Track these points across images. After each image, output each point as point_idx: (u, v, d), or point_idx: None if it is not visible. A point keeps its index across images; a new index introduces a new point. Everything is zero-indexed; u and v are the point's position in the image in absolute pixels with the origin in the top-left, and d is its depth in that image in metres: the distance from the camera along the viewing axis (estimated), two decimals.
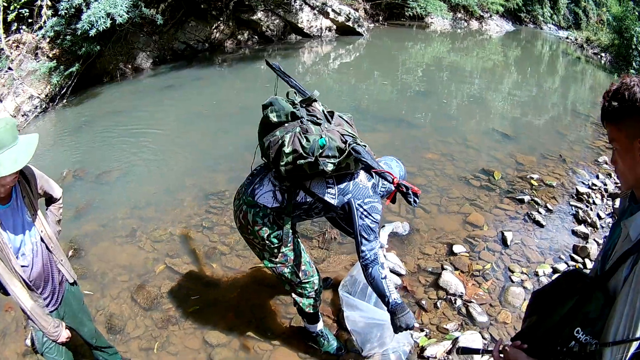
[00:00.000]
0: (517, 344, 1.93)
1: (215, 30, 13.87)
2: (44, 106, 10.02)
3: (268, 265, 3.36)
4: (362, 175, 3.32)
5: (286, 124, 3.06)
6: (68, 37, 10.26)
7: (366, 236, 3.20)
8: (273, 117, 3.06)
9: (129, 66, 11.88)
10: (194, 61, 12.90)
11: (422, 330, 4.15)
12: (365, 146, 3.09)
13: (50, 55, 10.48)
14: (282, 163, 2.96)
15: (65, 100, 10.49)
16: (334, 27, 16.80)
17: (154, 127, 8.48)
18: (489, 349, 2.44)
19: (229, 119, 8.69)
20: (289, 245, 3.29)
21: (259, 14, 14.66)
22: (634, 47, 20.07)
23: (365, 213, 3.20)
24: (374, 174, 3.31)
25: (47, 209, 3.19)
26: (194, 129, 8.30)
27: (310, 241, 5.25)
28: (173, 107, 9.53)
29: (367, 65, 14.68)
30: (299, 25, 15.63)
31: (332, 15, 16.35)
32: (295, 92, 3.37)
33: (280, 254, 3.29)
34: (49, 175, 3.02)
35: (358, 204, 3.19)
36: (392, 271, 4.71)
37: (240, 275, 4.76)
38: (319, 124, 3.06)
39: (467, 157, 7.63)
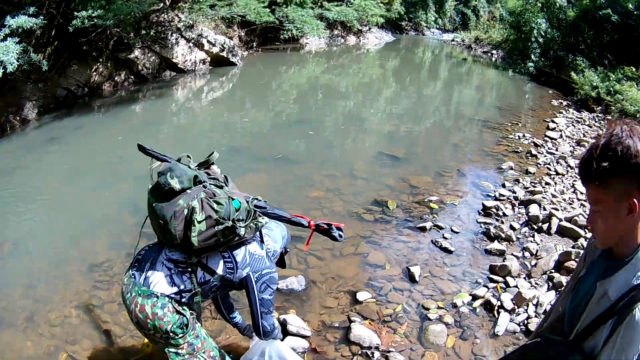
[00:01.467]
0: None
1: (94, 73, 13.81)
2: None
3: (175, 359, 3.28)
4: (254, 245, 3.42)
5: (188, 191, 3.08)
6: None
7: (265, 310, 3.37)
8: (175, 184, 3.04)
9: (17, 118, 11.53)
10: (75, 108, 12.62)
11: None
12: (266, 201, 3.25)
13: None
14: (193, 234, 2.97)
15: None
16: (209, 58, 17.23)
17: (39, 188, 8.12)
18: None
19: (107, 173, 8.49)
20: (192, 332, 3.28)
21: (136, 52, 14.77)
22: (533, 39, 21.57)
23: (264, 285, 3.33)
24: (264, 242, 3.52)
25: None
26: (74, 186, 8.05)
27: (206, 299, 5.21)
28: (56, 163, 9.21)
29: (240, 96, 15.00)
30: (174, 60, 15.91)
31: (207, 46, 16.81)
32: (188, 156, 3.42)
33: (185, 344, 3.25)
34: None
35: (257, 277, 3.31)
36: (297, 334, 4.74)
37: None
38: (222, 187, 3.17)
39: (356, 190, 7.88)
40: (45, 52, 12.59)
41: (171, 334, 3.14)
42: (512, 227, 6.90)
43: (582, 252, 5.97)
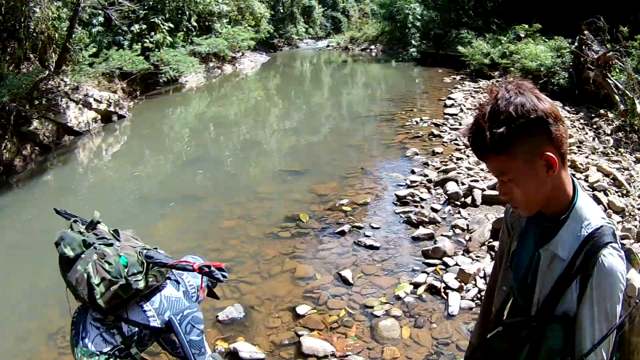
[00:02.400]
0: None
1: (4, 150, 13.45)
2: None
3: None
4: (169, 287, 3.46)
5: (82, 255, 3.13)
6: None
7: (196, 350, 3.36)
8: (69, 252, 3.12)
9: None
10: None
11: None
12: (156, 249, 3.30)
13: None
14: (97, 297, 3.02)
15: None
16: (99, 116, 17.17)
17: None
18: None
19: (42, 244, 8.24)
20: None
21: (35, 123, 14.52)
22: (410, 25, 22.15)
23: (189, 326, 3.34)
24: (179, 281, 3.54)
25: None
26: (13, 264, 7.83)
27: (159, 356, 5.13)
28: None
29: (137, 146, 14.92)
30: (69, 124, 15.79)
31: (94, 105, 16.77)
32: (76, 221, 3.45)
33: None
34: None
35: (179, 319, 3.33)
36: (251, 359, 4.74)
37: None
38: (111, 244, 3.20)
39: (266, 211, 7.97)
40: None
41: None
42: (433, 209, 7.07)
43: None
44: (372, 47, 27.01)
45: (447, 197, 7.32)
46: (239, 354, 4.75)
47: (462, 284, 5.33)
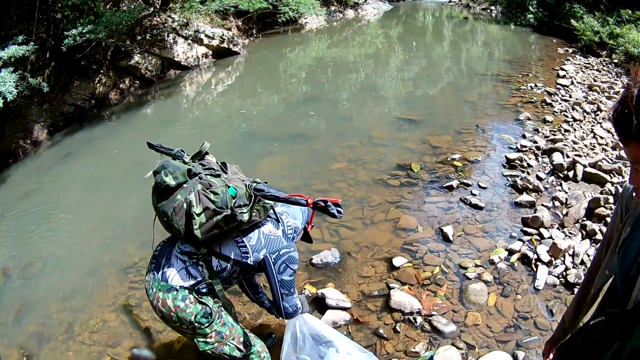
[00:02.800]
0: None
1: (98, 85, 13.81)
2: None
3: (205, 348, 3.23)
4: (269, 225, 3.32)
5: (184, 185, 3.00)
6: None
7: (286, 291, 3.29)
8: (170, 181, 2.98)
9: (28, 141, 11.66)
10: (85, 122, 12.64)
11: None
12: (266, 183, 3.11)
13: None
14: (195, 227, 2.90)
15: None
16: (210, 52, 17.00)
17: (61, 203, 8.24)
18: None
19: (127, 178, 8.48)
20: (218, 321, 3.22)
21: (136, 58, 14.67)
22: None
23: (283, 266, 3.23)
24: (280, 220, 3.38)
25: None
26: (98, 196, 8.07)
27: (240, 296, 5.07)
28: (74, 177, 9.30)
29: (250, 82, 14.81)
30: (176, 59, 15.76)
31: (206, 40, 16.58)
32: (181, 151, 3.31)
33: (213, 333, 3.20)
34: None
35: (274, 258, 3.21)
36: (337, 307, 4.60)
37: (183, 353, 4.56)
38: (219, 176, 3.07)
39: (378, 157, 7.72)
40: (44, 75, 12.75)
41: (196, 324, 3.10)
42: (538, 178, 6.68)
43: (612, 202, 5.81)
44: (492, 7, 25.95)
45: (552, 167, 6.88)
46: (326, 300, 4.65)
47: (553, 258, 5.01)
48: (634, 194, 1.84)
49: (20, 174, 10.22)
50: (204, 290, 3.12)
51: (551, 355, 2.42)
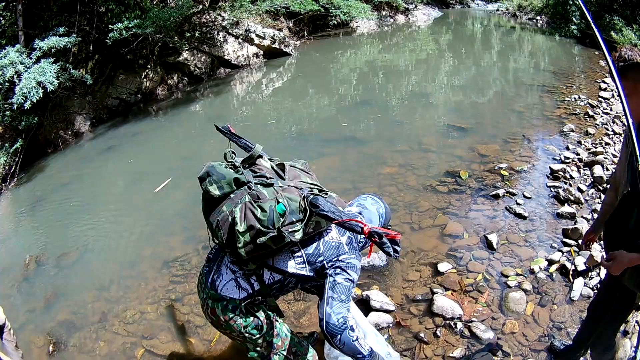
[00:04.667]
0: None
1: (144, 79, 13.88)
2: None
3: (254, 356, 3.09)
4: (333, 231, 3.03)
5: (232, 195, 2.75)
6: (7, 113, 10.41)
7: (335, 295, 2.87)
8: (214, 191, 2.75)
9: (69, 132, 11.79)
10: (130, 115, 12.75)
11: None
12: (327, 193, 2.90)
13: None
14: (239, 245, 2.63)
15: (16, 179, 10.39)
16: (261, 52, 16.99)
17: (101, 195, 8.32)
18: None
19: (173, 173, 8.48)
20: (271, 332, 3.05)
21: (185, 54, 14.73)
22: (570, 2, 20.75)
23: (337, 269, 2.93)
24: None
25: (1, 340, 3.07)
26: (140, 189, 8.12)
27: (285, 295, 5.09)
28: (116, 170, 9.40)
29: (301, 84, 14.79)
30: (226, 57, 15.77)
31: (257, 40, 16.56)
32: (233, 152, 3.00)
33: (265, 343, 3.04)
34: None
35: (331, 264, 2.93)
36: (381, 309, 4.59)
37: (222, 348, 4.54)
38: (271, 185, 2.78)
39: (428, 163, 7.65)
40: (87, 67, 12.80)
41: (247, 334, 2.93)
42: (579, 190, 6.54)
43: None
44: (538, 17, 25.49)
45: (592, 179, 6.73)
46: (371, 302, 4.62)
47: (589, 270, 4.91)
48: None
49: (59, 164, 10.32)
50: (257, 302, 2.94)
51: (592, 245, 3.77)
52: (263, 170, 2.89)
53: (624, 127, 7.64)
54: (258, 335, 2.96)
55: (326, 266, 2.93)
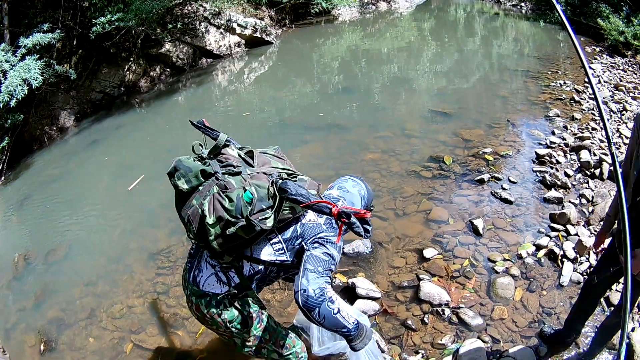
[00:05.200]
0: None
1: (127, 72, 13.83)
2: None
3: (242, 351, 3.03)
4: (310, 213, 2.91)
5: (200, 187, 2.68)
6: None
7: (311, 266, 2.71)
8: (182, 185, 2.69)
9: (54, 128, 11.78)
10: (113, 108, 12.69)
11: (417, 353, 3.97)
12: (296, 177, 2.78)
13: None
14: (211, 238, 2.55)
15: (3, 178, 10.38)
16: (243, 41, 16.88)
17: (87, 190, 8.28)
18: None
19: (157, 165, 8.37)
20: (257, 325, 2.98)
21: (167, 46, 14.63)
22: None
23: (316, 244, 2.80)
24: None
25: None
26: (124, 183, 8.01)
27: (268, 285, 4.99)
28: (101, 164, 9.33)
29: (283, 72, 14.71)
30: (208, 47, 15.70)
31: (238, 30, 16.45)
32: (200, 145, 2.92)
33: (252, 337, 2.97)
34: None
35: (309, 242, 2.82)
36: (367, 297, 4.50)
37: (209, 339, 4.48)
38: (239, 173, 2.69)
39: (411, 148, 7.57)
40: (71, 62, 12.76)
41: (233, 329, 2.86)
42: (566, 174, 6.49)
43: None
44: (522, 4, 25.47)
45: (579, 164, 6.69)
46: (356, 289, 4.55)
47: (578, 255, 4.86)
48: None
49: (45, 160, 10.31)
50: (240, 295, 2.84)
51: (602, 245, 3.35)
52: (230, 159, 2.79)
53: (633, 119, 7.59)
54: (244, 330, 2.89)
55: (305, 245, 2.81)
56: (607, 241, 3.30)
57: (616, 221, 3.11)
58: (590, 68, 11.85)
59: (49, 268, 6.20)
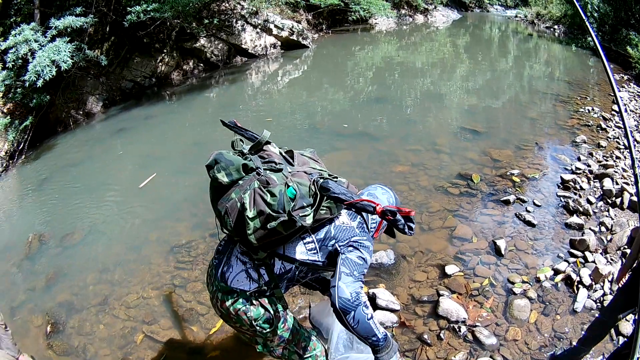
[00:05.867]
0: None
1: (160, 64, 13.90)
2: (4, 164, 10.01)
3: (263, 350, 2.99)
4: (343, 216, 2.92)
5: (240, 182, 2.64)
6: (19, 90, 10.45)
7: (347, 270, 2.70)
8: (222, 178, 2.62)
9: (81, 112, 11.84)
10: (143, 98, 12.77)
11: None
12: (337, 178, 2.77)
13: (5, 110, 10.56)
14: (249, 232, 2.53)
15: (24, 156, 10.47)
16: (279, 43, 16.96)
17: (110, 177, 8.28)
18: None
19: (184, 158, 8.48)
20: (282, 325, 2.94)
21: (202, 41, 14.72)
22: (589, 14, 20.56)
23: (350, 248, 2.79)
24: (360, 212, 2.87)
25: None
26: (149, 173, 8.03)
27: (294, 286, 5.02)
28: (127, 153, 9.36)
29: (317, 77, 14.73)
30: (243, 46, 15.76)
31: (275, 31, 16.51)
32: (241, 140, 2.91)
33: (275, 337, 2.94)
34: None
35: (342, 245, 2.80)
36: (387, 308, 4.53)
37: (223, 337, 4.49)
38: (280, 170, 2.67)
39: (440, 164, 7.57)
40: (102, 48, 12.82)
41: (257, 327, 2.82)
42: (589, 201, 6.44)
43: None
44: (555, 26, 25.30)
45: (602, 192, 6.64)
46: (376, 300, 4.56)
47: (593, 282, 4.84)
48: None
49: (69, 143, 10.33)
50: (268, 293, 2.82)
51: (623, 280, 3.35)
52: (272, 155, 2.80)
53: None
54: (269, 329, 2.85)
55: (339, 248, 2.80)
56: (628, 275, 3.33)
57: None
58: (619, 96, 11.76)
59: (64, 251, 6.20)
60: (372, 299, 4.58)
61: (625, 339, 4.01)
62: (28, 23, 10.68)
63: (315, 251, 2.83)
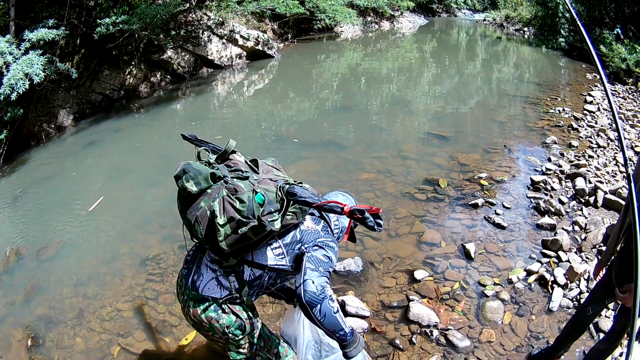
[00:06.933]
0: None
1: (128, 76, 13.94)
2: None
3: (237, 358, 3.05)
4: (308, 221, 3.07)
5: (209, 190, 2.74)
6: None
7: (312, 266, 2.84)
8: (191, 187, 2.71)
9: (52, 126, 11.78)
10: (112, 111, 12.75)
11: None
12: (301, 183, 2.89)
13: None
14: (220, 239, 2.62)
15: None
16: (244, 53, 17.09)
17: (82, 190, 8.26)
18: None
19: (153, 170, 8.49)
20: (254, 332, 3.05)
21: (169, 52, 14.79)
22: (560, 14, 21.02)
23: (315, 247, 2.94)
24: (325, 218, 3.15)
25: None
26: (119, 186, 8.10)
27: (261, 297, 5.09)
28: (97, 165, 9.38)
29: (282, 87, 14.84)
30: (209, 57, 15.87)
31: (240, 41, 16.65)
32: (207, 150, 3.04)
33: (247, 344, 3.04)
34: None
35: (308, 246, 2.94)
36: (356, 315, 4.61)
37: (196, 347, 4.54)
38: (247, 178, 2.80)
39: (407, 170, 7.70)
40: (73, 61, 12.86)
41: (230, 335, 2.91)
42: (560, 201, 6.63)
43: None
44: (525, 29, 25.79)
45: (574, 191, 6.84)
46: (346, 307, 4.63)
47: (568, 281, 4.99)
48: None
49: (42, 157, 10.29)
50: (238, 300, 2.90)
51: (600, 274, 3.49)
52: (238, 164, 2.92)
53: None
54: (241, 336, 2.95)
55: (304, 249, 2.93)
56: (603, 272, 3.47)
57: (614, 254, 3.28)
58: (590, 95, 12.06)
59: (40, 265, 6.22)
60: (342, 306, 4.64)
61: (604, 335, 4.13)
62: (3, 35, 10.75)
63: (283, 256, 2.94)
